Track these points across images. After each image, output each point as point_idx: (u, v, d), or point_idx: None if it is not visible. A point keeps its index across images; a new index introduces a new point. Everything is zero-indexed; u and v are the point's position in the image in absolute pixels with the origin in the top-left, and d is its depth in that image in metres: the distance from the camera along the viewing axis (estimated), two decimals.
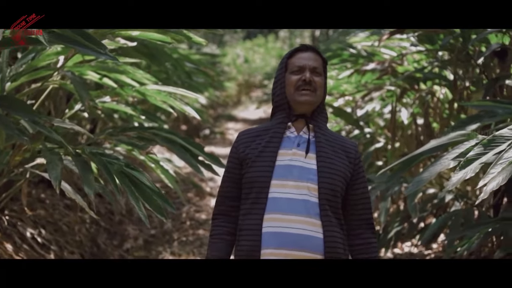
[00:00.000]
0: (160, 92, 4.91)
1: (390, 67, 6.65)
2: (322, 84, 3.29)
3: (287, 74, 3.32)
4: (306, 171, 3.20)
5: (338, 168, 3.23)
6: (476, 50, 5.62)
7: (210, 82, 11.87)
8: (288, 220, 3.13)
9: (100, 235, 7.53)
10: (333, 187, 3.19)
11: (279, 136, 3.27)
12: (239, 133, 3.40)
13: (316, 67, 3.28)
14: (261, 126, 3.39)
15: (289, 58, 3.36)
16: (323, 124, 3.34)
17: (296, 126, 3.31)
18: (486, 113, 4.39)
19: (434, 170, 3.80)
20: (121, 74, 4.96)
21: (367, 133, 7.72)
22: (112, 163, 3.71)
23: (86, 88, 4.15)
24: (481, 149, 3.16)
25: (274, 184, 3.19)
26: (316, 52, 3.35)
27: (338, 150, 3.29)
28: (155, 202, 3.69)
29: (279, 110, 3.34)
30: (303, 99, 3.24)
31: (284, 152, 3.24)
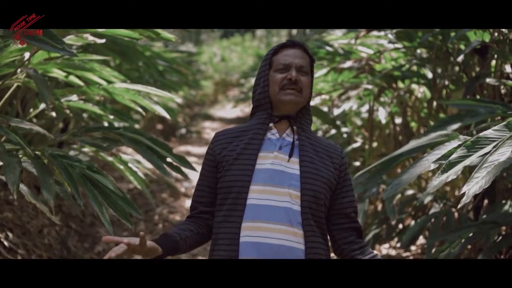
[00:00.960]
0: (128, 90, 4.71)
1: (368, 65, 6.48)
2: (308, 84, 3.07)
3: (271, 71, 3.11)
4: (288, 176, 2.99)
5: (323, 174, 3.03)
6: (456, 48, 5.47)
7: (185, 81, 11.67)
8: (267, 229, 2.92)
9: (70, 238, 7.32)
10: (316, 194, 2.98)
11: (259, 138, 3.06)
12: (216, 133, 3.17)
13: (303, 65, 3.05)
14: (239, 127, 3.18)
15: (274, 54, 3.13)
16: (307, 126, 3.13)
17: (279, 127, 3.10)
18: (467, 112, 4.22)
19: (414, 172, 3.62)
20: (88, 72, 4.75)
21: (344, 132, 7.55)
22: (73, 166, 3.50)
23: (48, 86, 3.93)
24: (465, 151, 2.96)
25: (253, 189, 2.97)
26: (303, 49, 3.12)
27: (322, 155, 3.09)
28: (120, 207, 3.49)
29: (260, 109, 3.13)
30: (288, 99, 3.02)
31: (264, 155, 3.03)
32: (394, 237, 6.09)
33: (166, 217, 8.89)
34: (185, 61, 15.36)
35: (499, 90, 5.16)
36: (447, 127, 4.09)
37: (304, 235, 2.92)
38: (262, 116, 3.11)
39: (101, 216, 3.40)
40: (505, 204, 4.80)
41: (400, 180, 3.64)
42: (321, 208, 3.01)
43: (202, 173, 3.14)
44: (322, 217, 3.03)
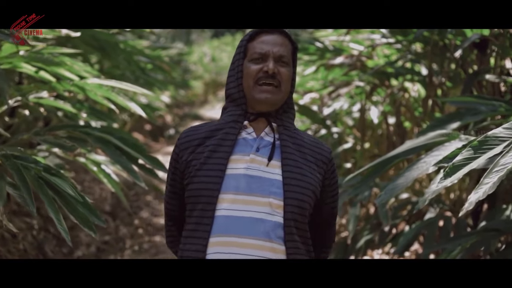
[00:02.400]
0: (101, 86, 4.36)
1: (359, 61, 6.14)
2: (289, 77, 2.66)
3: (245, 61, 2.68)
4: (267, 183, 2.57)
5: (309, 180, 2.63)
6: (453, 43, 5.15)
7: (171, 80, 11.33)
8: (240, 245, 2.51)
9: (48, 243, 6.99)
10: (301, 204, 2.58)
11: (231, 138, 2.64)
12: (181, 133, 2.74)
13: (283, 55, 2.63)
14: (209, 125, 2.74)
15: (249, 41, 2.70)
16: (289, 123, 2.72)
17: (255, 125, 2.69)
18: (467, 110, 3.87)
19: (410, 175, 3.28)
20: (57, 67, 4.39)
21: (335, 133, 7.21)
22: (28, 168, 3.14)
23: (7, 81, 3.56)
24: (471, 152, 2.57)
25: (223, 199, 2.56)
26: (284, 34, 2.69)
27: (308, 158, 2.68)
28: (81, 214, 3.13)
29: (234, 105, 2.71)
30: (263, 97, 2.62)
31: (238, 158, 2.62)
32: (387, 242, 5.76)
33: (149, 221, 8.57)
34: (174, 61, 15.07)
35: (499, 87, 4.83)
36: (446, 126, 3.74)
37: (286, 252, 2.54)
38: (235, 113, 2.70)
39: (57, 224, 3.04)
40: (506, 209, 4.47)
41: (395, 184, 3.29)
42: (305, 220, 2.63)
43: (168, 183, 2.76)
44: (306, 230, 2.65)
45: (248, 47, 2.69)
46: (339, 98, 7.10)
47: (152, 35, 20.00)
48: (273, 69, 2.61)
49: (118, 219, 8.54)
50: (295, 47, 2.73)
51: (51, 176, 3.13)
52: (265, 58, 2.64)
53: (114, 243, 7.74)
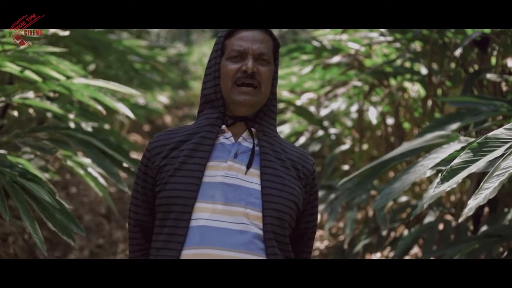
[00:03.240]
0: (88, 86, 4.20)
1: (357, 60, 5.98)
2: (269, 76, 2.48)
3: (223, 59, 2.51)
4: (245, 192, 2.40)
5: (290, 190, 2.45)
6: (453, 42, 5.01)
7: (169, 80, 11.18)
8: (218, 257, 2.32)
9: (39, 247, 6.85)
10: (281, 215, 2.41)
11: (208, 143, 2.46)
12: (154, 138, 2.56)
13: (263, 52, 2.47)
14: (184, 129, 2.55)
15: (227, 37, 2.53)
16: (270, 129, 2.54)
17: (234, 130, 2.51)
18: (468, 110, 3.71)
19: (407, 179, 3.12)
20: (42, 66, 4.23)
21: (332, 134, 7.05)
22: (3, 172, 2.97)
23: None
24: (470, 155, 2.40)
25: (199, 208, 2.37)
26: (264, 30, 2.52)
27: (289, 167, 2.50)
28: (59, 221, 2.97)
29: (210, 107, 2.53)
30: (241, 99, 2.45)
31: (215, 165, 2.44)
32: (386, 246, 5.61)
33: None
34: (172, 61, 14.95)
35: (500, 86, 4.68)
36: (445, 127, 3.58)
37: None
38: (212, 116, 2.52)
39: (32, 232, 2.88)
40: (507, 213, 4.32)
41: (391, 188, 3.13)
42: (286, 232, 2.45)
43: (136, 190, 2.56)
44: (288, 243, 2.47)
45: (225, 44, 2.52)
46: (337, 99, 6.95)
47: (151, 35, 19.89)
48: (252, 68, 2.44)
49: (113, 221, 8.40)
50: (277, 44, 2.56)
51: (26, 181, 2.97)
52: (243, 56, 2.47)
53: (108, 247, 7.58)
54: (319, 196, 5.82)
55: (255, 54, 2.46)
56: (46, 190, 2.94)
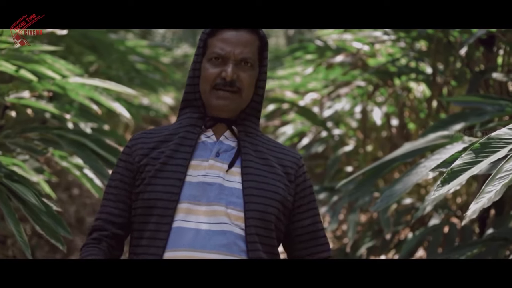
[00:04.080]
0: (83, 85, 4.11)
1: (360, 60, 5.88)
2: (251, 82, 2.38)
3: (204, 60, 2.39)
4: (227, 192, 2.31)
5: (274, 189, 2.34)
6: (458, 40, 4.91)
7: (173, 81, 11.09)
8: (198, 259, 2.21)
9: (40, 249, 6.75)
10: (264, 216, 2.30)
11: (189, 144, 2.36)
12: (134, 136, 2.44)
13: (247, 57, 2.35)
14: (164, 128, 2.46)
15: (210, 36, 2.40)
16: (253, 128, 2.44)
17: (215, 128, 2.42)
18: (472, 110, 3.60)
19: (409, 181, 3.01)
20: (37, 65, 4.14)
21: (336, 135, 6.94)
22: None
23: None
24: (472, 156, 2.28)
25: (181, 209, 2.27)
26: (251, 30, 2.40)
27: (273, 164, 2.39)
28: (47, 224, 2.87)
29: (190, 106, 2.43)
30: (219, 104, 2.35)
31: (197, 164, 2.34)
32: (390, 249, 5.50)
33: None
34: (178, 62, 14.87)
35: (506, 86, 4.58)
36: (449, 127, 3.47)
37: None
38: (193, 115, 2.42)
39: (17, 236, 2.78)
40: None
41: (392, 191, 3.02)
42: (271, 234, 2.34)
43: (114, 185, 2.41)
44: (274, 246, 2.36)
45: (207, 43, 2.40)
46: (341, 99, 6.84)
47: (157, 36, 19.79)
48: (231, 76, 2.32)
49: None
50: (265, 42, 2.44)
51: (12, 183, 2.86)
52: (225, 60, 2.35)
53: None
54: (322, 197, 5.73)
55: (237, 59, 2.35)
56: (33, 192, 2.84)
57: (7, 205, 2.82)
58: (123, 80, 7.21)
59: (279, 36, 27.92)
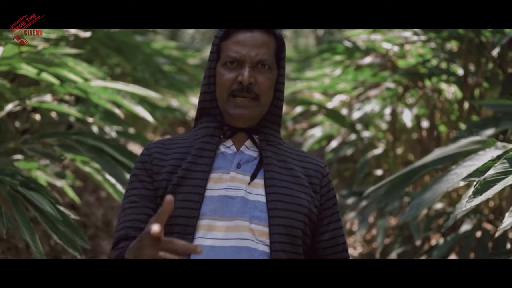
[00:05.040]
0: (106, 89, 4.03)
1: (390, 61, 5.75)
2: (269, 86, 2.23)
3: (218, 65, 2.25)
4: (250, 205, 2.16)
5: (299, 201, 2.20)
6: (490, 41, 4.78)
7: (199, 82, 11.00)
8: None
9: (66, 252, 6.69)
10: (291, 231, 2.16)
11: (208, 155, 2.22)
12: (148, 145, 2.30)
13: (263, 59, 2.21)
14: (180, 139, 2.31)
15: (223, 39, 2.26)
16: (274, 136, 2.30)
17: (234, 138, 2.28)
18: (505, 114, 3.47)
19: (439, 188, 2.88)
20: (58, 68, 4.07)
21: (365, 137, 6.81)
22: (3, 182, 2.79)
23: None
24: (506, 165, 2.15)
25: (202, 225, 2.14)
26: (266, 31, 2.25)
27: (298, 174, 2.25)
28: (64, 233, 2.79)
29: (207, 115, 2.30)
30: (237, 113, 2.21)
31: (218, 177, 2.20)
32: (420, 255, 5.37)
33: None
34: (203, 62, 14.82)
35: None
36: (481, 132, 3.34)
37: None
38: (210, 125, 2.28)
39: (32, 246, 2.69)
40: None
41: (421, 199, 2.90)
42: (298, 249, 2.19)
43: (136, 192, 2.24)
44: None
45: (221, 47, 2.26)
46: (370, 101, 6.71)
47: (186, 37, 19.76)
48: (248, 80, 2.18)
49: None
50: (281, 43, 2.30)
51: (28, 191, 2.78)
52: (240, 63, 2.21)
53: None
54: (350, 202, 5.61)
55: (253, 62, 2.21)
56: (49, 200, 2.75)
57: (22, 214, 2.73)
58: (149, 82, 7.15)
59: (308, 36, 27.77)
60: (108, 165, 3.44)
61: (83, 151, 3.43)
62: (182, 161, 2.22)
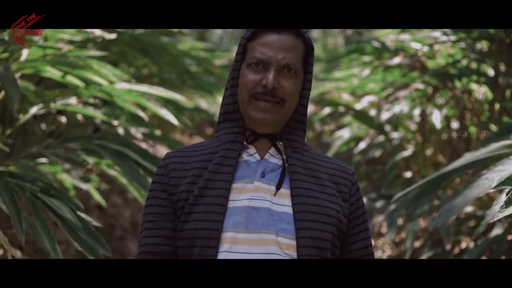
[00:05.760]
0: (131, 91, 3.99)
1: (419, 61, 5.66)
2: (295, 90, 2.12)
3: (243, 66, 2.14)
4: (276, 217, 2.04)
5: (327, 212, 2.08)
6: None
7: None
8: None
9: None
10: (319, 243, 2.04)
11: (230, 163, 2.10)
12: (167, 154, 2.19)
13: (290, 63, 2.10)
14: (201, 146, 2.20)
15: (250, 39, 2.15)
16: (299, 143, 2.19)
17: (258, 145, 2.16)
18: None
19: (469, 194, 2.80)
20: (82, 70, 4.03)
21: (394, 139, 6.72)
22: (23, 188, 2.75)
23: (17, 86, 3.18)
24: None
25: (226, 238, 2.03)
26: (295, 33, 2.14)
27: (325, 183, 2.13)
28: (84, 241, 2.73)
29: (229, 120, 2.18)
30: (259, 117, 2.09)
31: (241, 187, 2.08)
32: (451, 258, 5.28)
33: None
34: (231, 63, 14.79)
35: None
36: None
37: None
38: (232, 130, 2.16)
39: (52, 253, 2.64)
40: None
41: (452, 204, 2.82)
42: None
43: (152, 211, 2.13)
44: None
45: (247, 47, 2.15)
46: (399, 101, 6.62)
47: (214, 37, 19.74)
48: (273, 84, 2.06)
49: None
50: (310, 47, 2.18)
51: (48, 198, 2.73)
52: (266, 66, 2.09)
53: None
54: (378, 206, 5.53)
55: (279, 65, 2.09)
56: (69, 207, 2.70)
57: (42, 221, 2.69)
58: (176, 83, 7.10)
59: (337, 36, 27.65)
60: (131, 170, 3.38)
61: (106, 155, 3.38)
62: (204, 170, 2.11)
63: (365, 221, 2.22)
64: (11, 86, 3.13)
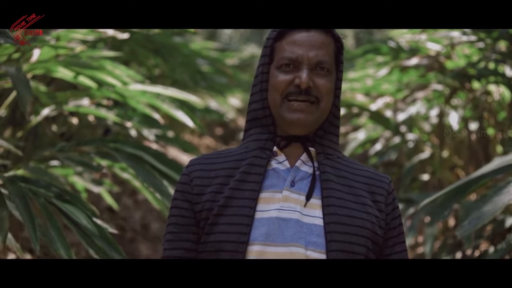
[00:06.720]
0: (145, 93, 3.90)
1: (437, 62, 5.56)
2: (329, 89, 2.00)
3: (272, 67, 2.03)
4: (306, 229, 1.92)
5: (361, 223, 1.96)
6: None
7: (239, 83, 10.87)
8: None
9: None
10: (351, 257, 1.92)
11: (259, 172, 1.99)
12: (191, 161, 2.08)
13: (322, 60, 1.98)
14: (227, 153, 2.09)
15: (277, 39, 2.04)
16: (332, 149, 2.07)
17: (288, 151, 2.04)
18: None
19: (499, 201, 2.71)
20: (96, 71, 3.95)
21: (410, 140, 6.61)
22: (37, 193, 2.66)
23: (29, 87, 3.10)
24: None
25: (252, 251, 1.91)
26: (324, 30, 2.01)
27: (360, 192, 2.01)
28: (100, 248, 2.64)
29: (258, 126, 2.07)
30: (294, 118, 1.97)
31: (269, 197, 1.96)
32: None
33: None
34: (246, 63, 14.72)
35: None
36: None
37: None
38: (261, 137, 2.04)
39: None
40: None
41: (481, 212, 2.71)
42: None
43: (174, 221, 2.03)
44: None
45: (275, 48, 2.03)
46: (415, 102, 6.52)
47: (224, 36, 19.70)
48: (307, 83, 1.95)
49: None
50: (340, 45, 2.06)
51: (63, 203, 2.64)
52: (297, 65, 1.98)
53: None
54: None
55: (311, 63, 1.98)
56: (85, 213, 2.61)
57: (57, 228, 2.60)
58: (188, 83, 7.03)
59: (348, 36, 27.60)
60: (147, 175, 3.29)
61: (121, 159, 3.29)
62: (229, 178, 2.00)
63: (401, 233, 2.09)
64: (23, 88, 3.04)
